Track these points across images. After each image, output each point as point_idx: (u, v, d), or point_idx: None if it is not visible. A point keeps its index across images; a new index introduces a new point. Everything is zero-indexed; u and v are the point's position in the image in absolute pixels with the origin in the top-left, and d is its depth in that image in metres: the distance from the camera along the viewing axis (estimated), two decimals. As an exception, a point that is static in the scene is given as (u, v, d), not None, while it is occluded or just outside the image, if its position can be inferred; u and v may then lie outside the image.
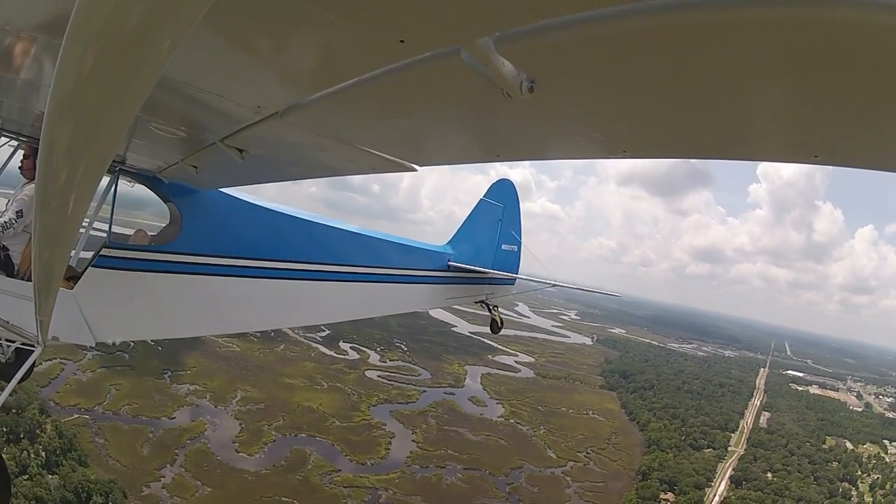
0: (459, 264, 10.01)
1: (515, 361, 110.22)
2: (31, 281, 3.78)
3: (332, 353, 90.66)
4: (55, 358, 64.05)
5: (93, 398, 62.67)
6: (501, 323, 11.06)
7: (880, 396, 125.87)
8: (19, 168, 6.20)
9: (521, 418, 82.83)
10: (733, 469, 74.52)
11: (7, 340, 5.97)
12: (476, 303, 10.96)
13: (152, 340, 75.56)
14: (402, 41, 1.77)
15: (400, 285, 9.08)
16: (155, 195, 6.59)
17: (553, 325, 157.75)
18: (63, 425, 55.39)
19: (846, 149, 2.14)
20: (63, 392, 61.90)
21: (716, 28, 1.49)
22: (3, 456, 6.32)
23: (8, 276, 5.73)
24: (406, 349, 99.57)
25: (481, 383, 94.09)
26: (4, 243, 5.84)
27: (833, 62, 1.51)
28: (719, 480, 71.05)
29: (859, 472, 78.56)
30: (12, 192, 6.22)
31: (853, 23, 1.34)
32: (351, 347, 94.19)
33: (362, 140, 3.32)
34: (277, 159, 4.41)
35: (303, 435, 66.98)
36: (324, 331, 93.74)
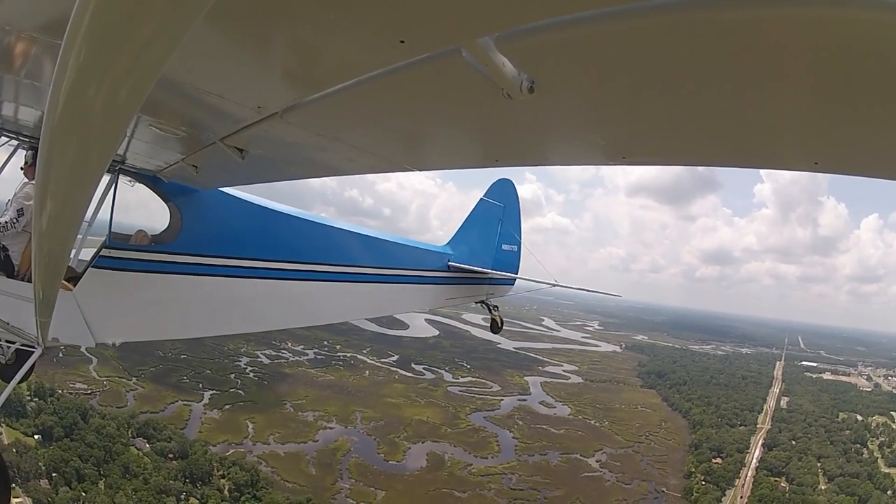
0: (459, 264, 9.88)
1: (563, 370, 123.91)
2: (31, 282, 3.73)
3: (411, 374, 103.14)
4: (177, 401, 72.98)
5: (237, 433, 70.09)
6: (501, 323, 10.95)
7: (889, 377, 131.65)
8: (21, 169, 6.13)
9: (586, 414, 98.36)
10: (763, 439, 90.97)
11: (7, 341, 5.88)
12: (476, 303, 10.85)
13: (255, 376, 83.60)
14: (402, 41, 1.76)
15: (400, 285, 9.05)
16: (155, 195, 6.48)
17: (582, 336, 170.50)
18: (236, 459, 62.11)
19: (845, 156, 2.14)
20: (205, 431, 68.50)
21: (715, 31, 1.48)
22: (3, 456, 6.31)
23: (8, 276, 5.63)
24: (469, 367, 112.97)
25: (543, 390, 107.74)
26: (4, 243, 5.73)
27: (833, 67, 1.50)
28: (754, 447, 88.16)
29: (869, 437, 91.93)
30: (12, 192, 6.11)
31: (852, 24, 1.32)
32: (424, 369, 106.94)
33: (362, 140, 3.32)
34: (277, 159, 4.42)
35: (428, 441, 79.49)
36: (394, 356, 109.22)
